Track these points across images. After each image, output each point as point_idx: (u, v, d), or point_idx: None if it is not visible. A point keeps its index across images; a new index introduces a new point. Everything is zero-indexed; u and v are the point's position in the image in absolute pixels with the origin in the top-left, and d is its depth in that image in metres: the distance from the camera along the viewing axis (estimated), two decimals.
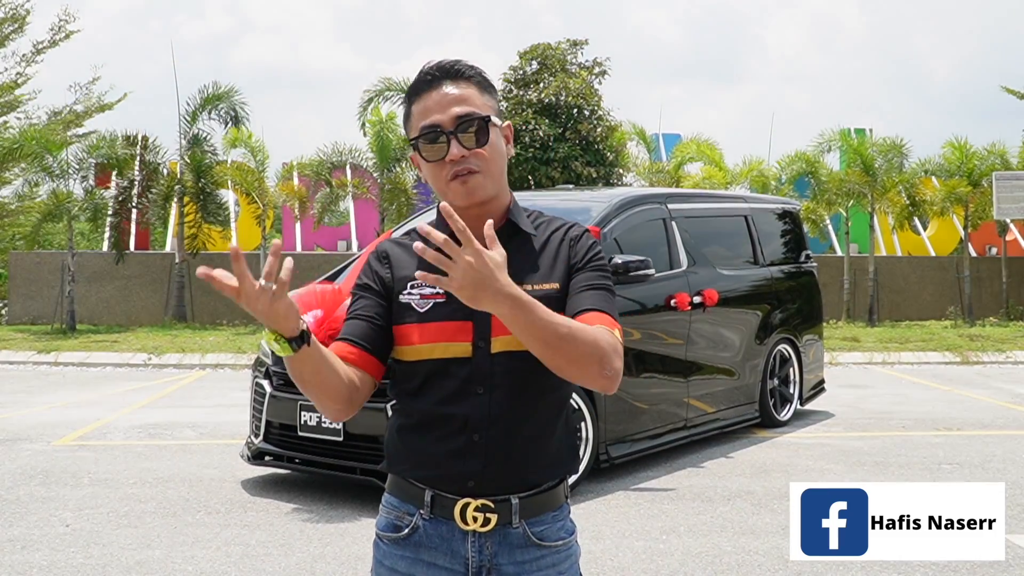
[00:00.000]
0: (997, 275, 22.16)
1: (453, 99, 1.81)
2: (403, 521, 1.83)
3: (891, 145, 20.95)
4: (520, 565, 1.81)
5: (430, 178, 1.85)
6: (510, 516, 1.80)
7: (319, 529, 5.35)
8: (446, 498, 1.80)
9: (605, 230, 6.79)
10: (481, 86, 1.86)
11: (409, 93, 1.88)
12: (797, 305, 8.87)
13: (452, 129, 1.79)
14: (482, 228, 1.80)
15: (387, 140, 19.40)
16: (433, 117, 1.80)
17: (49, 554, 4.88)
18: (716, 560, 4.77)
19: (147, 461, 7.11)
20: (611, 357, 1.70)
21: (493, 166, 1.82)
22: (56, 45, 24.94)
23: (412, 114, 1.86)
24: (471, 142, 1.79)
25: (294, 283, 1.64)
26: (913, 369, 13.56)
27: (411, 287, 1.84)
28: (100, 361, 14.12)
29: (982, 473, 6.67)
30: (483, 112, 1.82)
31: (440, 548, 1.81)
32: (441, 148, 1.79)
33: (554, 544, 1.84)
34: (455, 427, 1.79)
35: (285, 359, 1.66)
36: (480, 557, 1.80)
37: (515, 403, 1.79)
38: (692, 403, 7.34)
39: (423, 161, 1.84)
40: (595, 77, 21.21)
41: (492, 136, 1.82)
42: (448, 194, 1.82)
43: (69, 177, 18.95)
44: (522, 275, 1.75)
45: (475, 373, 1.78)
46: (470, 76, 1.85)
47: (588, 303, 1.78)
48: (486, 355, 1.78)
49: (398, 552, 1.83)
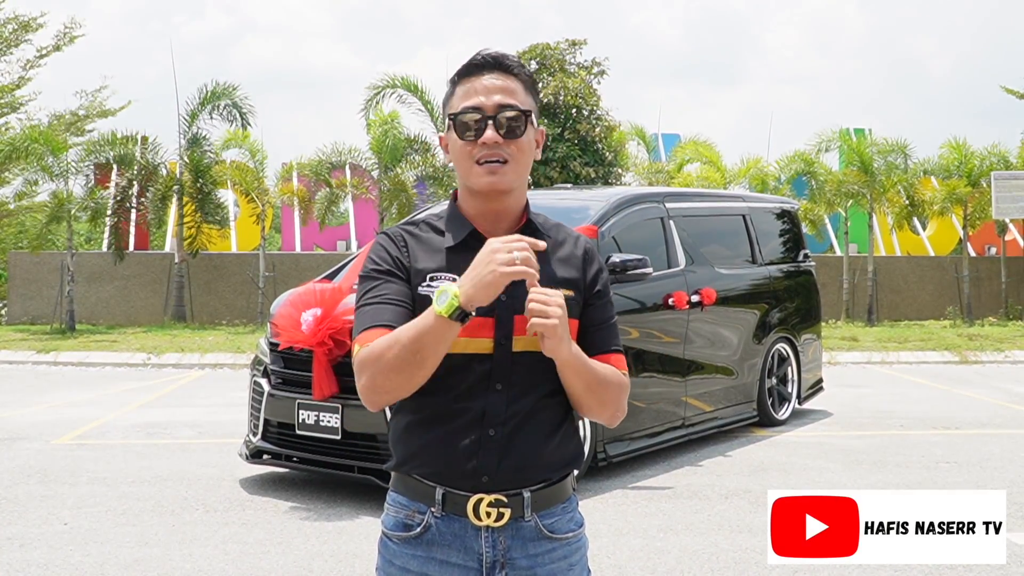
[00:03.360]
0: (996, 275, 22.17)
1: (499, 88, 1.85)
2: (413, 520, 1.83)
3: (891, 145, 20.97)
4: (533, 558, 1.83)
5: (457, 158, 1.87)
6: (523, 510, 1.82)
7: (317, 527, 5.35)
8: (458, 495, 1.81)
9: (603, 229, 6.80)
10: (527, 85, 1.90)
11: (457, 74, 1.90)
12: (795, 304, 8.88)
13: (492, 115, 1.83)
14: (498, 222, 1.87)
15: (392, 139, 19.40)
16: (477, 99, 1.84)
17: (47, 552, 4.88)
18: (713, 558, 4.77)
19: (145, 460, 7.12)
20: (624, 402, 1.91)
21: (521, 161, 1.85)
22: (59, 50, 24.92)
23: (455, 94, 1.89)
24: (508, 132, 1.83)
25: (294, 282, 1.66)
26: (912, 368, 13.57)
27: (431, 279, 1.84)
28: (99, 361, 14.12)
29: (980, 472, 6.68)
30: (524, 107, 1.85)
31: (453, 545, 1.81)
32: (478, 130, 1.83)
33: (565, 536, 1.87)
34: (471, 422, 1.80)
35: (437, 321, 1.68)
36: (494, 552, 1.81)
37: (530, 401, 1.82)
38: (690, 402, 7.34)
39: (455, 139, 1.86)
40: (594, 77, 21.22)
41: (528, 132, 1.86)
42: (472, 177, 1.84)
43: (69, 177, 18.96)
44: (540, 277, 1.76)
45: (496, 369, 1.80)
46: (519, 73, 1.89)
47: (611, 343, 1.91)
48: (507, 352, 1.81)
49: (409, 551, 1.83)
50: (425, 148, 20.16)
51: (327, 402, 5.76)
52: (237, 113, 19.76)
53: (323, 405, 5.79)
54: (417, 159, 19.92)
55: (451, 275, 1.82)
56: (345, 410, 5.73)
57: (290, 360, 6.09)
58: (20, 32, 23.90)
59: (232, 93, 19.69)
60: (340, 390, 5.72)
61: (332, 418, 5.78)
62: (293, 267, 20.46)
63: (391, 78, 19.95)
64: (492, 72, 1.86)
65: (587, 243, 1.96)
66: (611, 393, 1.85)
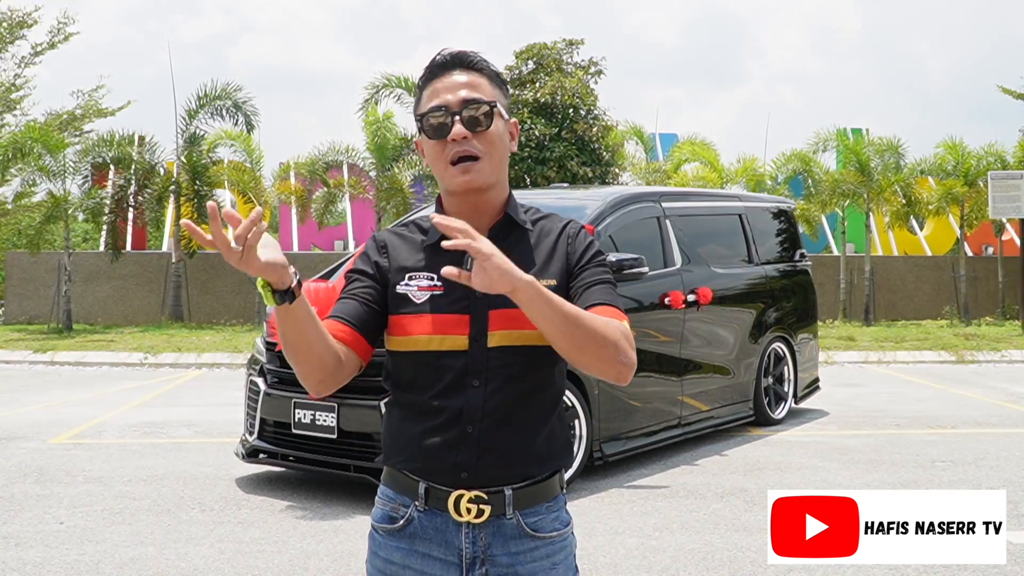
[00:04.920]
0: (993, 274, 22.19)
1: (463, 84, 1.85)
2: (398, 513, 1.85)
3: (888, 145, 20.98)
4: (514, 556, 1.83)
5: (432, 160, 1.87)
6: (504, 507, 1.81)
7: (313, 526, 5.36)
8: (440, 490, 1.81)
9: (599, 228, 6.80)
10: (492, 79, 1.90)
11: (422, 78, 1.91)
12: (791, 303, 8.89)
13: (458, 110, 1.83)
14: (480, 220, 1.85)
15: (385, 139, 19.39)
16: (442, 98, 1.84)
17: (43, 551, 4.88)
18: (708, 557, 4.78)
19: (141, 459, 7.12)
20: (624, 345, 1.76)
21: (494, 155, 1.85)
22: (55, 47, 24.85)
23: (422, 97, 1.89)
24: (475, 125, 1.83)
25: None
26: (908, 368, 13.58)
27: (409, 278, 1.86)
28: (96, 360, 14.11)
29: (975, 471, 6.69)
30: (489, 99, 1.85)
31: (435, 539, 1.82)
32: (445, 127, 1.83)
33: (548, 535, 1.86)
34: (449, 419, 1.80)
35: (274, 314, 1.70)
36: (474, 548, 1.82)
37: (509, 397, 1.81)
38: (686, 401, 7.35)
39: (426, 141, 1.87)
40: (591, 77, 21.21)
41: (496, 124, 1.85)
42: (447, 178, 1.85)
43: (67, 177, 18.94)
44: (524, 269, 1.75)
45: (471, 366, 1.80)
46: (482, 68, 1.89)
47: (596, 298, 1.82)
48: (482, 348, 1.80)
49: (393, 543, 1.85)
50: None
51: (323, 401, 5.76)
52: (240, 114, 19.75)
53: (319, 404, 5.79)
54: (414, 158, 19.91)
55: (428, 273, 1.85)
56: (341, 409, 5.74)
57: (286, 359, 6.08)
58: (15, 28, 23.84)
59: (229, 95, 19.68)
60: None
61: (328, 417, 5.78)
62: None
63: (388, 78, 19.96)
64: (455, 70, 1.87)
65: (571, 228, 1.93)
66: (594, 335, 1.70)
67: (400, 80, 19.87)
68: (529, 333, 1.79)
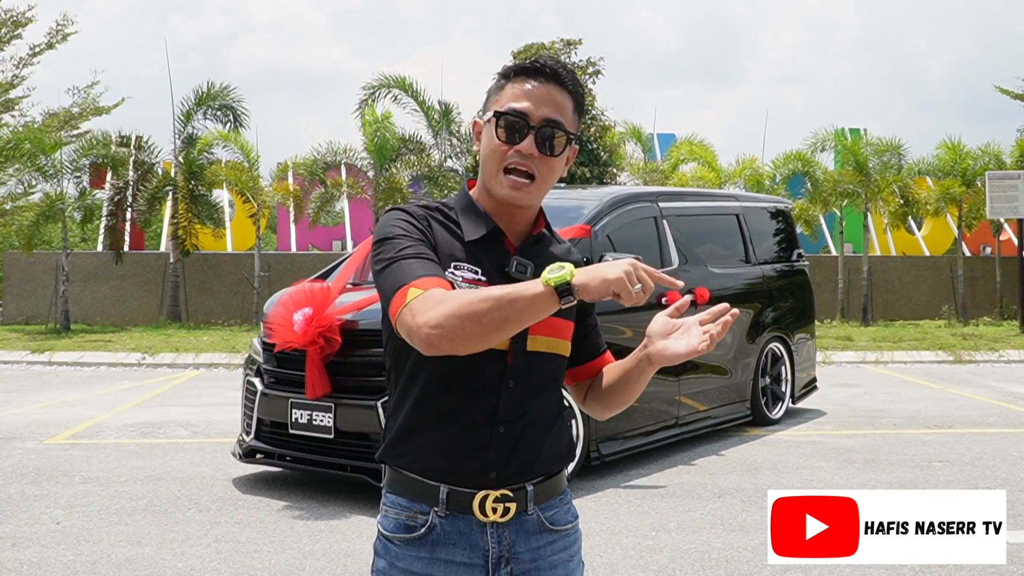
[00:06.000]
0: (991, 275, 22.22)
1: (552, 102, 1.82)
2: (416, 521, 1.80)
3: (886, 145, 21.00)
4: (535, 551, 1.84)
5: (488, 154, 1.83)
6: (526, 503, 1.83)
7: (309, 526, 5.35)
8: (463, 492, 1.79)
9: (596, 228, 6.80)
10: (578, 106, 1.88)
11: (511, 70, 1.87)
12: (789, 303, 8.89)
13: (537, 126, 1.80)
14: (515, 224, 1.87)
15: (384, 139, 19.38)
16: (527, 104, 1.81)
17: (40, 551, 4.88)
18: (705, 556, 4.78)
19: (139, 459, 7.11)
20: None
21: (547, 180, 1.84)
22: (53, 48, 24.82)
23: (505, 89, 1.85)
24: (545, 147, 1.81)
25: (289, 282, 1.66)
26: (906, 368, 13.59)
27: (455, 267, 1.81)
28: (94, 361, 14.11)
29: (972, 471, 6.69)
30: (570, 129, 1.84)
31: (458, 544, 1.80)
32: (517, 135, 1.80)
33: (564, 528, 1.89)
34: (480, 419, 1.78)
35: (540, 290, 1.59)
36: (499, 547, 1.81)
37: (536, 397, 1.84)
38: (683, 401, 7.35)
39: (492, 137, 1.82)
40: (589, 77, 21.23)
41: (563, 153, 1.84)
42: (494, 181, 1.82)
43: (63, 177, 18.93)
44: None
45: (510, 367, 1.80)
46: (575, 93, 1.87)
47: (603, 344, 2.05)
48: (523, 351, 1.81)
49: (412, 553, 1.80)
50: (420, 148, 20.15)
51: (320, 401, 5.76)
52: (231, 114, 19.74)
53: (316, 404, 5.79)
54: (412, 159, 19.91)
55: (471, 265, 1.81)
56: (338, 409, 5.73)
57: (283, 359, 6.09)
58: (11, 28, 23.79)
59: (225, 95, 19.67)
60: (333, 389, 5.72)
61: (325, 417, 5.78)
62: (288, 267, 20.46)
63: (386, 78, 19.96)
64: (550, 82, 1.83)
65: (577, 254, 2.02)
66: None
67: (398, 81, 19.87)
68: (561, 343, 1.87)
